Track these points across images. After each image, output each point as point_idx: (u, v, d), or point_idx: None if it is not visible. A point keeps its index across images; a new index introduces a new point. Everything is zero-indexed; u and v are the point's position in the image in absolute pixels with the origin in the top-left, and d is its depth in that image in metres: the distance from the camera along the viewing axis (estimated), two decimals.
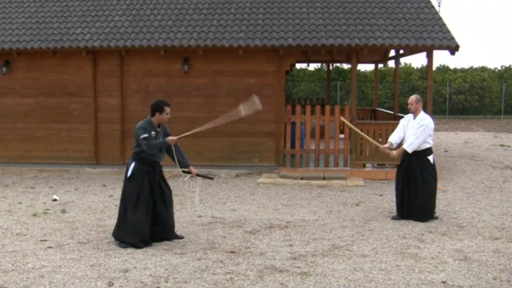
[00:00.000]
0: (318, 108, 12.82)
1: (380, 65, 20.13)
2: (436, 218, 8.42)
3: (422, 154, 8.30)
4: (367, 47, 12.28)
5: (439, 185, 11.37)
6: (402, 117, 15.26)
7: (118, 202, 9.60)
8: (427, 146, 8.31)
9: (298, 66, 34.49)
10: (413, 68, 38.76)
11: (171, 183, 7.99)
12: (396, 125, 12.73)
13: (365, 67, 38.57)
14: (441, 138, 22.52)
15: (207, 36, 12.79)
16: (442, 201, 9.88)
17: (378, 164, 12.91)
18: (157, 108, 7.08)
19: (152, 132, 7.02)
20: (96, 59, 13.36)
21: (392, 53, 16.82)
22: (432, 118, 8.81)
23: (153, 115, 7.11)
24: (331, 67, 24.93)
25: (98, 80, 13.41)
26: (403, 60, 38.68)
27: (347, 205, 9.53)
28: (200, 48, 12.64)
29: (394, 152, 8.49)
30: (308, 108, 12.95)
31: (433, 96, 34.05)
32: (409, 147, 8.22)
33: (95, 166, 13.40)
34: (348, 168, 12.61)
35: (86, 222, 8.35)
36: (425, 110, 8.93)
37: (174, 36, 12.87)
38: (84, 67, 13.39)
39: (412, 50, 13.11)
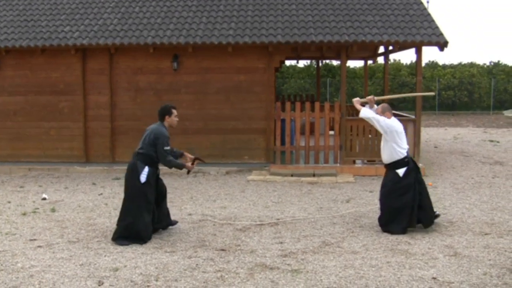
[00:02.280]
0: (308, 104, 12.79)
1: (370, 62, 20.10)
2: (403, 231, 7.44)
3: (390, 167, 7.66)
4: (357, 43, 12.27)
5: (429, 181, 11.42)
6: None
7: (108, 201, 9.65)
8: (397, 158, 7.54)
9: (288, 63, 34.48)
10: (403, 64, 38.92)
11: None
12: None
13: (355, 64, 38.66)
14: (430, 134, 22.58)
15: (196, 33, 12.74)
16: (432, 197, 9.79)
17: (368, 161, 12.90)
18: (165, 111, 7.27)
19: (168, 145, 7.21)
20: (85, 57, 13.26)
21: (382, 49, 16.81)
22: (402, 122, 8.06)
23: (162, 119, 7.27)
24: (320, 64, 24.87)
25: (87, 78, 13.31)
26: (392, 56, 38.80)
27: (337, 202, 9.51)
28: (189, 45, 12.58)
29: (357, 104, 7.89)
30: (298, 104, 12.90)
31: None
32: (363, 111, 7.66)
33: (85, 165, 13.31)
34: (338, 165, 12.61)
35: (76, 221, 8.27)
36: (393, 111, 8.34)
37: (163, 34, 12.81)
38: (73, 65, 13.29)
39: (401, 46, 13.10)
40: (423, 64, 16.54)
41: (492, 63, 40.26)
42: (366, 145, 12.68)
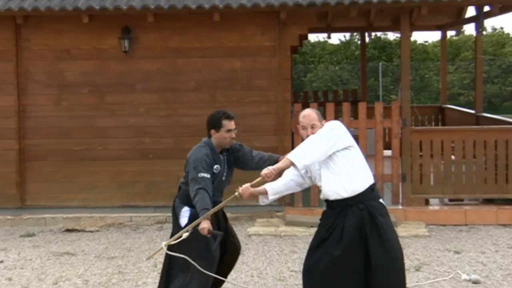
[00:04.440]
0: (346, 107, 12.84)
1: (451, 33, 20.06)
2: None
3: None
4: (427, 3, 12.29)
5: None
6: (487, 117, 15.09)
7: (13, 274, 9.60)
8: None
9: (313, 38, 34.60)
10: (508, 35, 38.75)
11: None
12: (479, 132, 12.82)
13: (425, 37, 38.63)
14: None
15: None
16: None
17: (451, 200, 12.84)
18: (211, 122, 7.56)
19: (216, 167, 7.51)
20: None
21: (471, 11, 16.78)
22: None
23: (209, 135, 7.61)
24: (367, 39, 24.84)
25: None
26: (489, 23, 38.71)
27: None
28: (149, 12, 12.61)
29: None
30: (330, 107, 12.94)
31: None
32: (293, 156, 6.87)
33: None
34: (400, 207, 12.58)
35: None
36: None
37: None
38: None
39: (504, 5, 13.04)
40: None
41: None
42: (446, 173, 12.66)
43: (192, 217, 7.40)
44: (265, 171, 6.57)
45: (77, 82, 13.32)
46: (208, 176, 7.30)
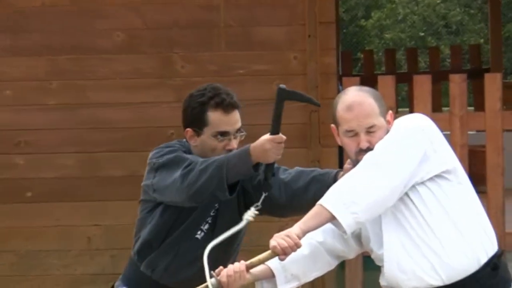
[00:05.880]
0: (458, 83, 11.38)
1: None
2: None
3: None
4: None
5: None
6: None
7: None
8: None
9: None
10: None
11: None
12: None
13: None
14: None
15: None
16: None
17: None
18: (186, 113, 6.91)
19: None
20: None
21: None
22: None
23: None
24: None
25: None
26: None
27: None
28: None
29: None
30: (424, 83, 11.60)
31: None
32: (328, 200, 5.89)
33: None
34: None
35: None
36: None
37: None
38: None
39: None
40: None
41: None
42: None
43: None
44: (279, 239, 5.58)
45: None
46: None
